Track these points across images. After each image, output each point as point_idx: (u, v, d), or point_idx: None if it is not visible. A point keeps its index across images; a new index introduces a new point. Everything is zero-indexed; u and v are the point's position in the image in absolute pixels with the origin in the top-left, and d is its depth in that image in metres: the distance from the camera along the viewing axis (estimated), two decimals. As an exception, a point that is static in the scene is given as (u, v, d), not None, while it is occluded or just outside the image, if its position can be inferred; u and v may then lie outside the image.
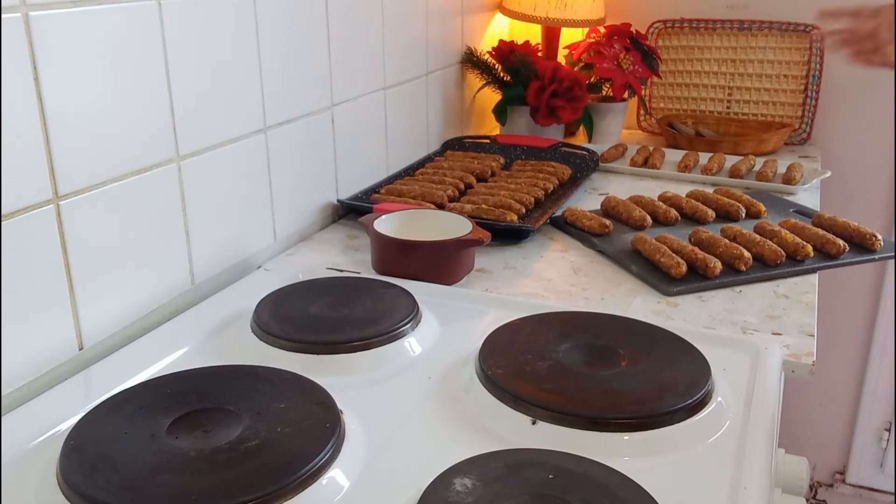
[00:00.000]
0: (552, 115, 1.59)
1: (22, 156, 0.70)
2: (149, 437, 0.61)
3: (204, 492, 0.55)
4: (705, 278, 0.99)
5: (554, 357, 0.73)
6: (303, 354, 0.76)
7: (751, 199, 1.25)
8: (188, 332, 0.84)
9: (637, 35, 1.73)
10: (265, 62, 1.01)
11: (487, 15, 1.79)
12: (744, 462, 0.62)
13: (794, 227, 1.13)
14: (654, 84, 1.86)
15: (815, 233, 1.09)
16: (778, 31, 1.74)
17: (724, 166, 1.52)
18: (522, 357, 0.73)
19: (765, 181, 1.43)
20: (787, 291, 0.98)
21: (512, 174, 1.39)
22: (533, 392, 0.67)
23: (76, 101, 0.75)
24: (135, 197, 0.83)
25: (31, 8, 0.69)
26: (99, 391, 0.70)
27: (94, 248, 0.79)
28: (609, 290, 0.98)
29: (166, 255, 0.89)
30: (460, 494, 0.55)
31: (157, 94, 0.84)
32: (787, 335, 0.87)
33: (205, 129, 0.92)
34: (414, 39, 1.42)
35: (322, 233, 1.18)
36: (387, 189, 1.26)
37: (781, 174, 1.47)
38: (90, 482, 0.56)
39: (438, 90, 1.55)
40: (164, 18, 0.83)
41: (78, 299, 0.77)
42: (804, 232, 1.10)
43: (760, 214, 1.22)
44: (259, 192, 1.04)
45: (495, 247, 1.10)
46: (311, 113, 1.12)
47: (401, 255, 0.97)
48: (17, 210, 0.70)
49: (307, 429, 0.63)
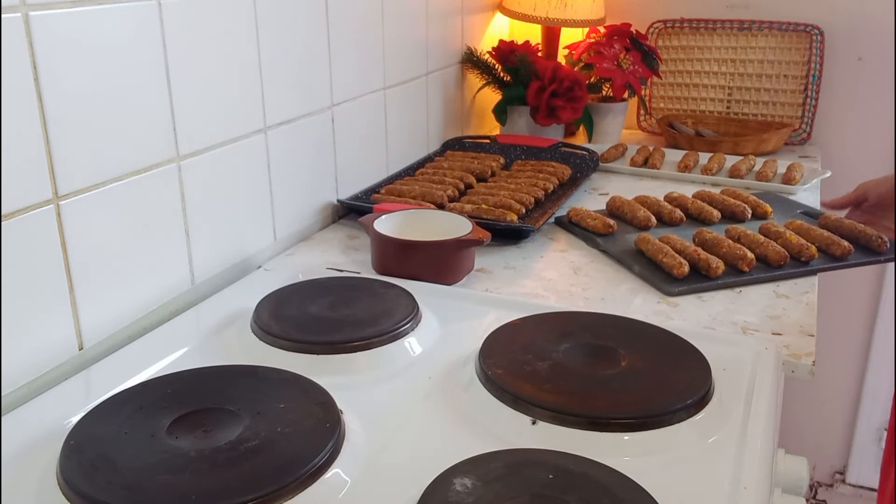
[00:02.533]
0: (552, 115, 1.59)
1: (22, 156, 0.70)
2: (149, 437, 0.61)
3: (204, 492, 0.55)
4: (707, 279, 0.99)
5: (554, 357, 0.73)
6: (303, 354, 0.76)
7: (757, 200, 1.25)
8: (188, 332, 0.84)
9: (637, 35, 1.73)
10: (265, 62, 1.01)
11: (487, 15, 1.79)
12: (744, 462, 0.62)
13: (800, 228, 1.13)
14: (654, 84, 1.86)
15: (820, 234, 1.09)
16: (778, 31, 1.74)
17: (724, 166, 1.52)
18: (522, 357, 0.73)
19: (765, 181, 1.43)
20: (788, 292, 0.98)
21: (512, 174, 1.39)
22: (533, 392, 0.67)
23: (76, 101, 0.75)
24: (135, 197, 0.83)
25: (31, 8, 0.69)
26: (99, 391, 0.70)
27: (94, 248, 0.79)
28: (609, 291, 0.98)
29: (166, 255, 0.89)
30: (460, 494, 0.55)
31: (157, 94, 0.84)
32: (787, 335, 0.87)
33: (205, 129, 0.92)
34: (414, 39, 1.42)
35: (322, 233, 1.18)
36: (387, 189, 1.26)
37: (781, 174, 1.47)
38: (90, 482, 0.56)
39: (438, 90, 1.55)
40: (164, 18, 0.83)
41: (78, 299, 0.77)
42: (809, 233, 1.10)
43: (766, 215, 1.22)
44: (259, 192, 1.04)
45: (495, 247, 1.10)
46: (311, 113, 1.12)
47: (401, 255, 0.97)
48: (17, 210, 0.70)
49: (307, 429, 0.63)
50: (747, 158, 1.51)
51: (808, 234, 1.10)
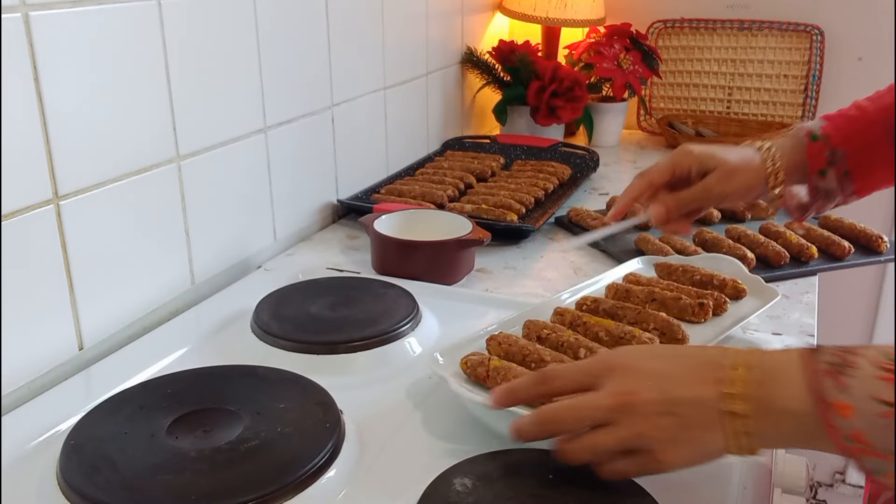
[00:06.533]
0: (552, 115, 1.59)
1: (22, 156, 0.70)
2: (149, 437, 0.61)
3: (204, 492, 0.55)
4: (706, 278, 0.99)
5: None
6: (303, 354, 0.76)
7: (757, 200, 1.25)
8: (188, 332, 0.84)
9: (637, 35, 1.73)
10: (265, 62, 1.01)
11: (487, 15, 1.79)
12: (744, 462, 0.62)
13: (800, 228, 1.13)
14: (654, 84, 1.86)
15: (820, 234, 1.09)
16: (778, 31, 1.74)
17: (724, 166, 1.52)
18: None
19: (765, 181, 1.43)
20: (788, 291, 0.98)
21: (512, 174, 1.39)
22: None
23: (76, 101, 0.75)
24: (135, 197, 0.83)
25: (31, 8, 0.69)
26: (99, 391, 0.70)
27: (94, 248, 0.79)
28: (609, 290, 0.98)
29: (166, 255, 0.89)
30: (460, 494, 0.55)
31: (157, 94, 0.84)
32: (787, 335, 0.87)
33: (205, 129, 0.92)
34: (414, 39, 1.42)
35: (322, 233, 1.18)
36: (387, 189, 1.26)
37: (781, 174, 1.46)
38: (90, 482, 0.56)
39: (438, 90, 1.55)
40: (164, 18, 0.83)
41: (78, 299, 0.77)
42: (810, 233, 1.10)
43: (767, 216, 1.22)
44: (259, 192, 1.04)
45: (495, 247, 1.10)
46: (311, 113, 1.12)
47: (401, 255, 0.97)
48: (17, 210, 0.70)
49: (307, 429, 0.63)
50: (747, 158, 1.51)
51: (809, 234, 1.10)
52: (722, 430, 0.50)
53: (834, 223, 1.14)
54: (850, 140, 0.76)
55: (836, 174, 0.76)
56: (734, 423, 0.50)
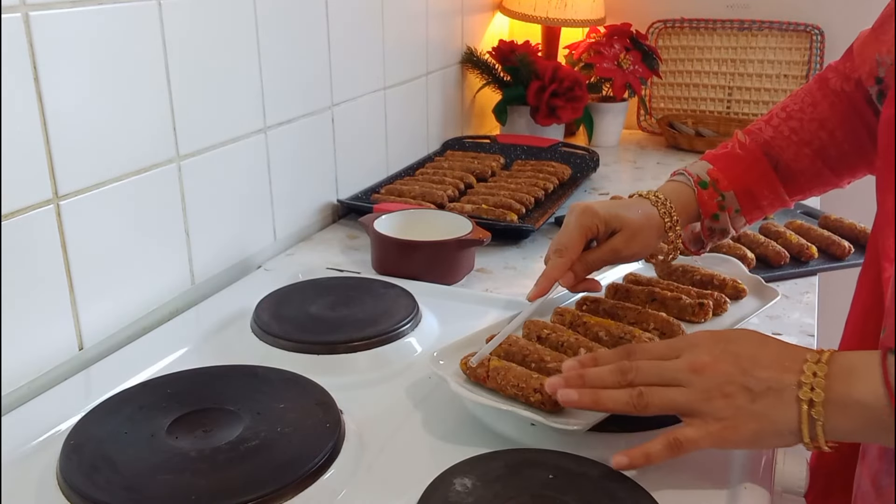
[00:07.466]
0: (552, 115, 1.59)
1: (22, 156, 0.70)
2: (149, 437, 0.61)
3: (204, 492, 0.55)
4: (706, 278, 0.98)
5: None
6: (303, 354, 0.76)
7: None
8: (188, 332, 0.84)
9: (637, 35, 1.73)
10: (265, 62, 1.01)
11: (487, 15, 1.79)
12: (744, 462, 0.62)
13: (800, 228, 1.13)
14: (654, 84, 1.86)
15: (820, 234, 1.09)
16: (778, 31, 1.74)
17: (724, 166, 1.52)
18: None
19: (765, 181, 1.43)
20: (787, 291, 0.98)
21: (512, 174, 1.39)
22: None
23: (76, 100, 0.75)
24: (135, 197, 0.83)
25: (31, 8, 0.69)
26: (99, 391, 0.70)
27: (94, 248, 0.79)
28: (609, 290, 0.98)
29: (166, 255, 0.89)
30: (460, 494, 0.55)
31: (157, 93, 0.84)
32: (787, 335, 0.87)
33: (205, 129, 0.92)
34: (414, 39, 1.42)
35: (322, 233, 1.18)
36: (387, 189, 1.26)
37: (781, 174, 1.46)
38: (90, 482, 0.56)
39: (438, 90, 1.55)
40: (164, 18, 0.83)
41: (78, 299, 0.77)
42: (810, 233, 1.10)
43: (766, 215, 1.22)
44: (259, 192, 1.04)
45: (495, 247, 1.10)
46: (311, 113, 1.12)
47: (401, 255, 0.97)
48: (17, 210, 0.70)
49: (307, 429, 0.63)
50: (747, 158, 1.51)
51: (809, 234, 1.10)
52: (797, 415, 0.53)
53: (834, 223, 1.14)
54: (737, 181, 0.78)
55: (728, 215, 0.79)
56: (810, 411, 0.52)
